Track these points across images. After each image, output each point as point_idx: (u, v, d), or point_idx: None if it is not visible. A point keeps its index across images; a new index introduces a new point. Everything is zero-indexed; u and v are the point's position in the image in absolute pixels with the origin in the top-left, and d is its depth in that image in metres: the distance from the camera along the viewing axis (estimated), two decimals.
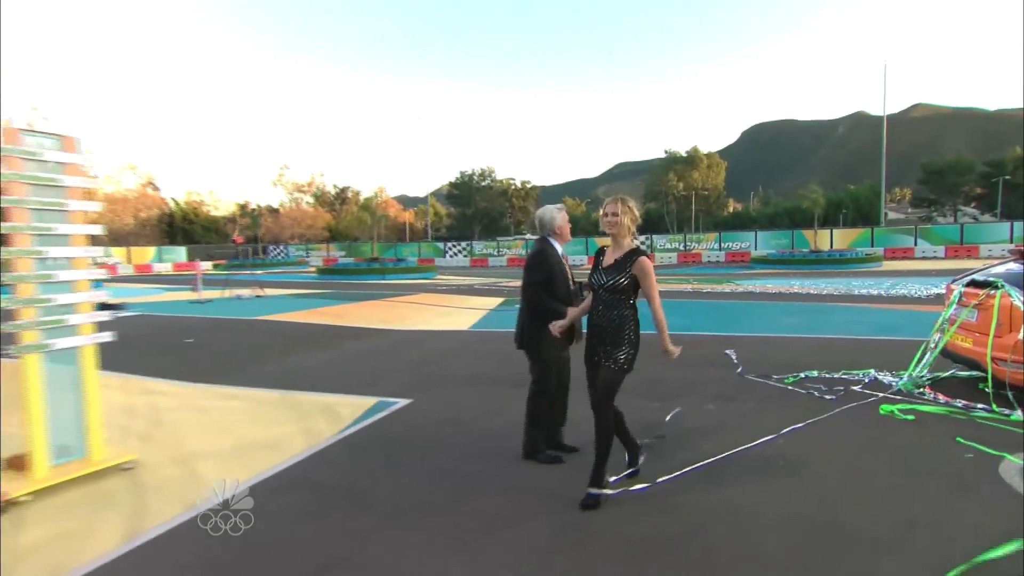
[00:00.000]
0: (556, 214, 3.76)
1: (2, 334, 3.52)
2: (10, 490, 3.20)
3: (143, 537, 2.84)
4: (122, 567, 2.60)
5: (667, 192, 59.88)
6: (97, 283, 4.06)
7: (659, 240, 43.34)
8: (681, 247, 41.65)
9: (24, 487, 3.26)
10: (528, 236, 55.26)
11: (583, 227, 63.79)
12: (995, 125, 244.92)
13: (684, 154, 61.96)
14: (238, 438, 4.38)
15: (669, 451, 3.85)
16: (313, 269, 37.28)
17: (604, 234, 3.20)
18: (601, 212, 3.13)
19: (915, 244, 36.67)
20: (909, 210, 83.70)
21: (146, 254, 45.36)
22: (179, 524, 2.97)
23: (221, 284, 18.01)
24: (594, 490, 3.03)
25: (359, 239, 52.73)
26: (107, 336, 3.74)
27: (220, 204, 64.40)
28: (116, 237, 46.25)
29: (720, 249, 39.92)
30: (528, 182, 71.35)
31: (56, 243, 3.47)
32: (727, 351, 7.21)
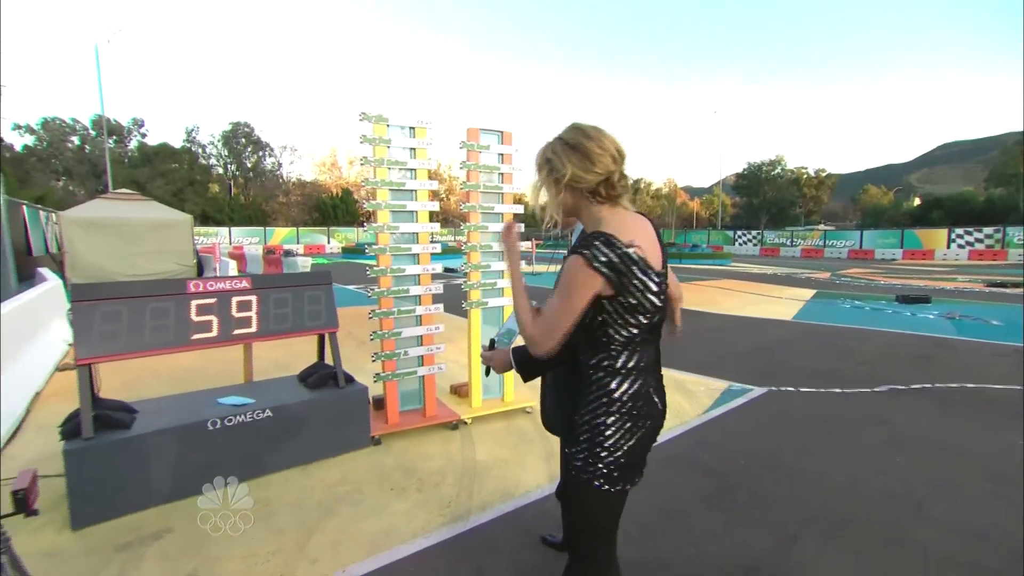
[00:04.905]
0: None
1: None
2: (461, 412, 3.79)
3: None
4: (550, 505, 2.68)
5: None
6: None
7: (1015, 232, 28.50)
8: None
9: (468, 412, 3.81)
10: (823, 226, 44.38)
11: (891, 216, 48.96)
12: None
13: None
14: None
15: None
16: None
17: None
18: None
19: None
20: None
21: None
22: None
23: (547, 260, 20.03)
24: None
25: None
26: None
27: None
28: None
29: None
30: (823, 170, 58.27)
31: (494, 220, 3.90)
32: None
